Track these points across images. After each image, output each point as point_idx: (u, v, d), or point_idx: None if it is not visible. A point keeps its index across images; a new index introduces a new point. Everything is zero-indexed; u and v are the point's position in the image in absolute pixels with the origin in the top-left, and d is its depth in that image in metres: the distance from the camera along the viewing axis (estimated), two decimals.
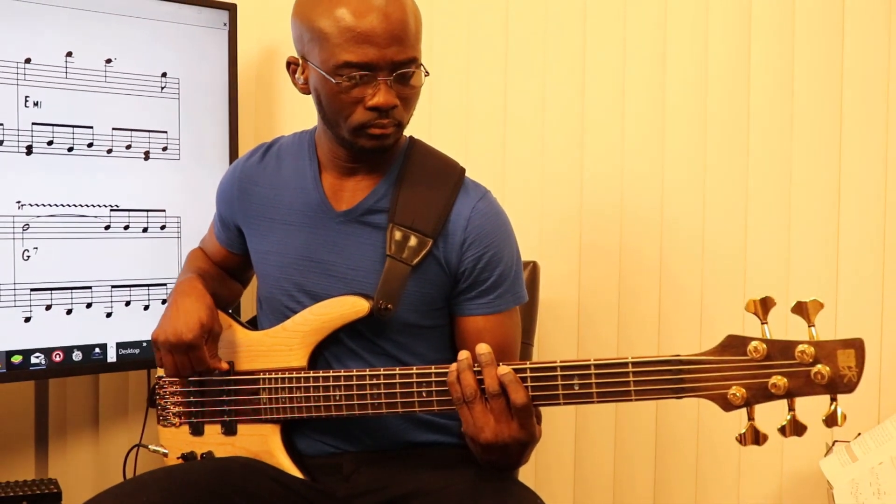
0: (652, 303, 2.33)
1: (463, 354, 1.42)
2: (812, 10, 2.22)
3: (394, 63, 1.47)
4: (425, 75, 1.55)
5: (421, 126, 1.62)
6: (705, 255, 2.30)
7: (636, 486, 2.35)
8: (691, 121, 2.29)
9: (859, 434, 2.00)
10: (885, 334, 2.19)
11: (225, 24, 2.24)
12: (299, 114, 2.36)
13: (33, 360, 2.04)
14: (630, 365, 1.36)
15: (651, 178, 2.32)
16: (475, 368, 1.42)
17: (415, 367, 1.50)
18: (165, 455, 1.72)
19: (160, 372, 1.70)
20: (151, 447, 1.74)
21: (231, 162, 2.23)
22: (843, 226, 2.23)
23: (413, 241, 1.57)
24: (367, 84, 1.48)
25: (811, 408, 1.32)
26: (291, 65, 1.60)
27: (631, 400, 1.37)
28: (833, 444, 2.04)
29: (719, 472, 2.30)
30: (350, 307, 1.57)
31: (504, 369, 1.39)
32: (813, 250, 2.24)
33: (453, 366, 1.43)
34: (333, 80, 1.47)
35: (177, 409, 1.70)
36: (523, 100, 2.37)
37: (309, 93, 1.58)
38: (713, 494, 2.31)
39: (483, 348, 1.41)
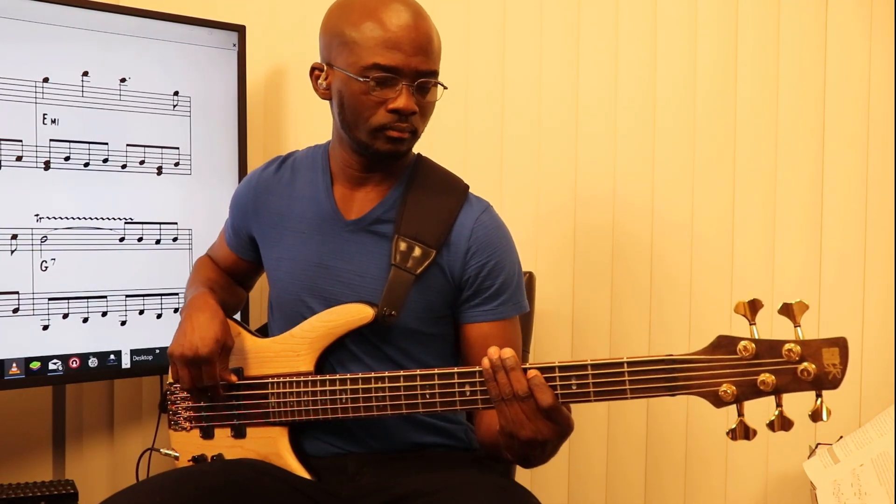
0: (643, 315, 2.36)
1: (494, 354, 1.41)
2: (795, 17, 2.26)
3: (417, 72, 1.55)
4: (443, 89, 1.61)
5: (422, 144, 1.68)
6: (693, 269, 2.33)
7: (628, 487, 2.37)
8: (679, 136, 2.32)
9: (841, 437, 2.03)
10: (865, 341, 2.22)
11: (234, 45, 2.26)
12: (305, 130, 2.42)
13: (51, 366, 2.07)
14: (625, 365, 1.38)
15: (641, 193, 2.35)
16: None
17: (418, 370, 1.52)
18: (176, 458, 1.74)
19: (171, 378, 1.72)
20: (163, 451, 1.76)
21: (240, 176, 2.26)
22: (825, 230, 2.25)
23: (417, 251, 1.61)
24: (390, 87, 1.54)
25: (797, 405, 1.35)
26: (315, 70, 1.65)
27: (626, 398, 1.39)
28: (816, 447, 2.05)
29: (707, 473, 2.32)
30: (356, 314, 1.61)
31: (532, 372, 1.39)
32: (797, 257, 2.27)
33: (486, 363, 1.41)
34: (360, 80, 1.53)
35: (187, 413, 1.72)
36: (520, 117, 2.40)
37: (329, 98, 1.64)
38: (701, 494, 2.33)
39: (507, 352, 1.40)
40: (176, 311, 2.22)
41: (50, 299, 2.07)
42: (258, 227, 1.79)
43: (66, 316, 2.09)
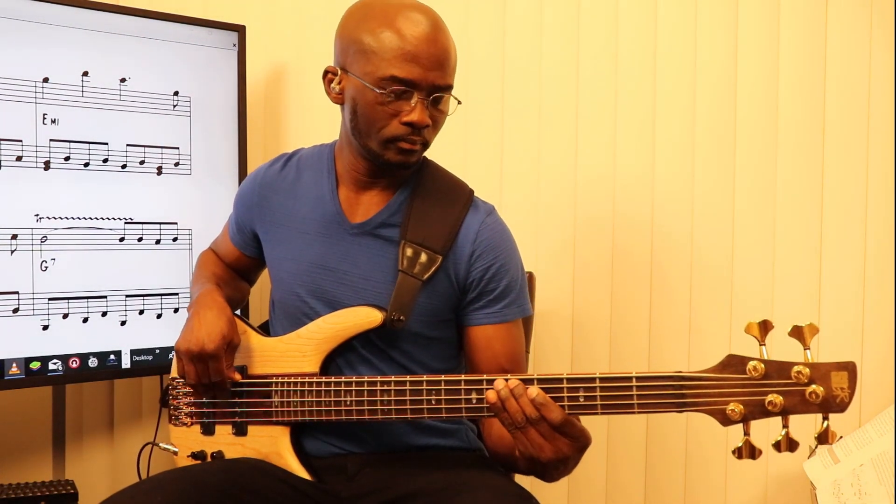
0: (643, 316, 2.36)
1: (499, 384, 1.42)
2: (795, 17, 2.26)
3: (433, 86, 1.54)
4: (458, 103, 1.61)
5: None
6: (694, 272, 2.33)
7: (628, 486, 2.38)
8: (681, 141, 2.33)
9: (841, 437, 2.02)
10: (865, 340, 2.22)
11: (234, 45, 2.26)
12: (305, 130, 2.42)
13: (51, 366, 2.07)
14: (634, 380, 1.39)
15: (642, 196, 2.35)
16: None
17: (424, 375, 1.53)
18: (175, 453, 1.75)
19: (174, 373, 1.74)
20: (162, 445, 1.77)
21: (240, 176, 2.26)
22: (825, 229, 2.26)
23: (424, 257, 1.61)
24: (405, 100, 1.54)
25: (801, 422, 1.36)
26: (329, 73, 1.64)
27: (634, 413, 1.40)
28: (816, 447, 2.05)
29: (707, 473, 2.32)
30: (364, 318, 1.61)
31: (533, 391, 1.40)
32: (796, 256, 2.27)
33: (492, 395, 1.42)
34: (377, 90, 1.53)
35: (189, 409, 1.73)
36: (520, 117, 2.40)
37: (341, 102, 1.63)
38: (701, 495, 2.33)
39: (513, 382, 1.42)
40: (176, 311, 2.22)
41: (50, 299, 2.07)
42: (262, 224, 1.79)
43: (66, 316, 2.09)
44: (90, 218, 2.12)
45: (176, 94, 2.21)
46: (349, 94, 1.59)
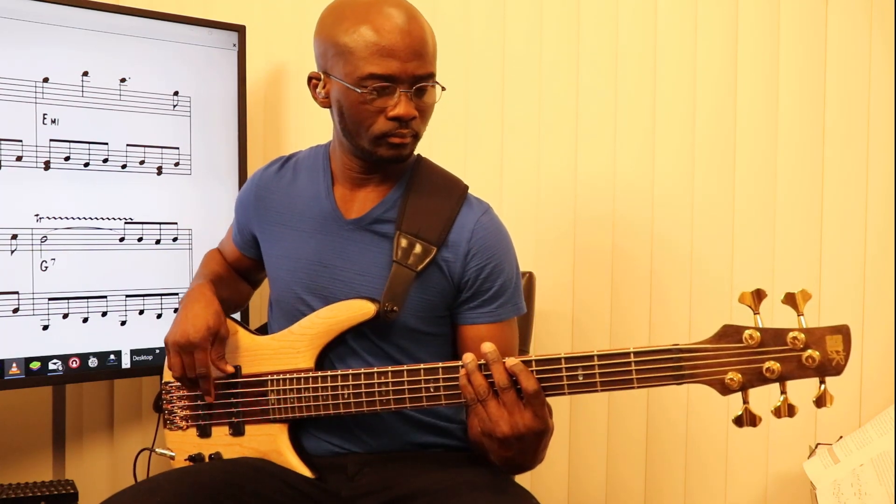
0: (642, 313, 2.36)
1: (468, 357, 1.42)
2: (796, 20, 2.25)
3: (414, 77, 1.54)
4: (442, 90, 1.61)
5: (422, 144, 1.68)
6: (694, 270, 2.33)
7: (628, 487, 2.37)
8: (680, 133, 2.32)
9: (841, 437, 2.03)
10: (866, 341, 2.22)
11: (234, 45, 2.27)
12: (305, 130, 2.43)
13: (51, 366, 2.07)
14: (632, 355, 1.38)
15: (642, 194, 2.34)
16: (484, 372, 1.43)
17: (422, 364, 1.52)
18: (172, 458, 1.74)
19: (167, 377, 1.74)
20: (158, 450, 1.77)
21: (240, 176, 2.27)
22: (825, 231, 2.25)
23: (418, 248, 1.62)
24: (388, 95, 1.54)
25: (799, 405, 1.36)
26: (313, 79, 1.65)
27: (633, 387, 1.39)
28: (816, 447, 2.06)
29: (707, 473, 2.32)
30: (357, 310, 1.61)
31: (512, 360, 1.39)
32: (796, 257, 2.26)
33: (462, 370, 1.43)
34: (358, 91, 1.53)
35: (183, 412, 1.73)
36: (520, 117, 2.40)
37: (328, 106, 1.64)
38: (701, 494, 2.33)
39: (488, 346, 1.40)
40: (176, 311, 2.21)
41: (50, 299, 2.07)
42: (260, 225, 1.80)
43: (66, 316, 2.09)
44: (90, 218, 2.12)
45: (176, 94, 2.21)
46: (334, 97, 1.61)
